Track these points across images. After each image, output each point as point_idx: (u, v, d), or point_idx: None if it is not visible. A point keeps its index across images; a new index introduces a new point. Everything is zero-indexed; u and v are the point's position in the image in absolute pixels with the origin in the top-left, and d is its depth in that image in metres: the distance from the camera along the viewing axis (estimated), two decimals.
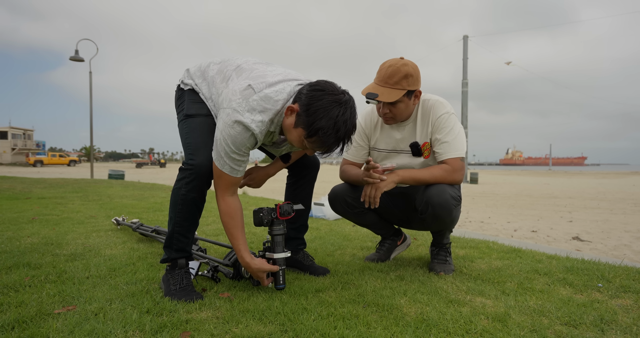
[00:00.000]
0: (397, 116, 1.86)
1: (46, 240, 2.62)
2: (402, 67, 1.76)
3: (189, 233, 1.65)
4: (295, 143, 1.51)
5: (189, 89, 1.73)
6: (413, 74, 1.77)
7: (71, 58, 13.73)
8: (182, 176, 1.58)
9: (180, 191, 1.58)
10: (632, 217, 6.98)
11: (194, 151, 1.57)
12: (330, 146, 1.46)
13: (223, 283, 1.74)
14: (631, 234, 5.16)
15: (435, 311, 1.43)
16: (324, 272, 1.90)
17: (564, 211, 7.86)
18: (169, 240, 1.64)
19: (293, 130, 1.47)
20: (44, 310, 1.40)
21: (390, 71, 1.76)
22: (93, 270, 1.91)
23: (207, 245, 2.56)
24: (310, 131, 1.42)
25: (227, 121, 1.46)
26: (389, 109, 1.83)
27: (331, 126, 1.39)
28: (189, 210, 1.61)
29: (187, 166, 1.56)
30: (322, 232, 3.08)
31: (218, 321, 1.34)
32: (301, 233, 1.99)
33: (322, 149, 1.50)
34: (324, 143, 1.44)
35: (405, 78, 1.76)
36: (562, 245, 4.27)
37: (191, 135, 1.61)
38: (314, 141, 1.45)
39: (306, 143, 1.47)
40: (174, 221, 1.62)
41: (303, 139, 1.47)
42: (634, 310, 1.48)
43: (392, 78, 1.75)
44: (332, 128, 1.40)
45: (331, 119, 1.39)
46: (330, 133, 1.40)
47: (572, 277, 1.85)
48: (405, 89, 1.76)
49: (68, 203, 5.07)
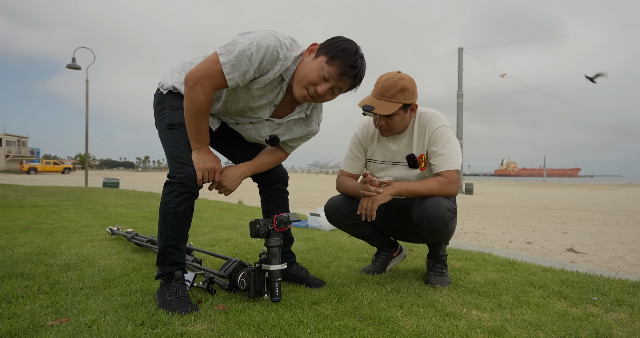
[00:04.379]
0: (393, 128, 1.89)
1: (39, 249, 2.60)
2: (398, 80, 1.78)
3: (181, 245, 1.64)
4: (311, 74, 1.52)
5: (168, 91, 1.69)
6: (409, 88, 1.79)
7: (68, 66, 13.75)
8: (171, 189, 1.56)
9: (170, 205, 1.56)
10: (625, 229, 7.02)
11: (182, 165, 1.56)
12: (347, 70, 1.51)
13: (218, 295, 1.73)
14: (625, 246, 5.19)
15: (432, 324, 1.43)
16: (319, 284, 1.89)
17: (559, 222, 7.90)
18: (161, 256, 1.62)
19: (313, 61, 1.53)
20: (36, 322, 1.38)
21: (387, 85, 1.78)
22: (87, 281, 1.89)
23: (202, 256, 2.55)
24: (333, 52, 1.50)
25: (263, 34, 1.47)
26: (385, 121, 1.86)
27: (352, 52, 1.51)
28: (179, 223, 1.59)
29: (175, 180, 1.55)
30: (318, 243, 3.07)
31: (213, 333, 1.33)
32: (287, 246, 1.99)
33: (339, 74, 1.52)
34: (344, 63, 1.50)
35: (401, 91, 1.78)
36: (557, 257, 4.28)
37: (177, 148, 1.59)
38: (334, 62, 1.50)
39: (325, 70, 1.51)
40: (166, 236, 1.59)
41: (322, 66, 1.51)
42: (628, 324, 1.48)
43: (389, 91, 1.78)
44: (353, 54, 1.51)
45: (352, 49, 1.52)
46: (351, 56, 1.50)
47: (567, 290, 1.86)
48: (402, 102, 1.79)
49: (62, 212, 5.03)
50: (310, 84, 1.54)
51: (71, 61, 13.73)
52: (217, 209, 5.57)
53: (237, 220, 4.43)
